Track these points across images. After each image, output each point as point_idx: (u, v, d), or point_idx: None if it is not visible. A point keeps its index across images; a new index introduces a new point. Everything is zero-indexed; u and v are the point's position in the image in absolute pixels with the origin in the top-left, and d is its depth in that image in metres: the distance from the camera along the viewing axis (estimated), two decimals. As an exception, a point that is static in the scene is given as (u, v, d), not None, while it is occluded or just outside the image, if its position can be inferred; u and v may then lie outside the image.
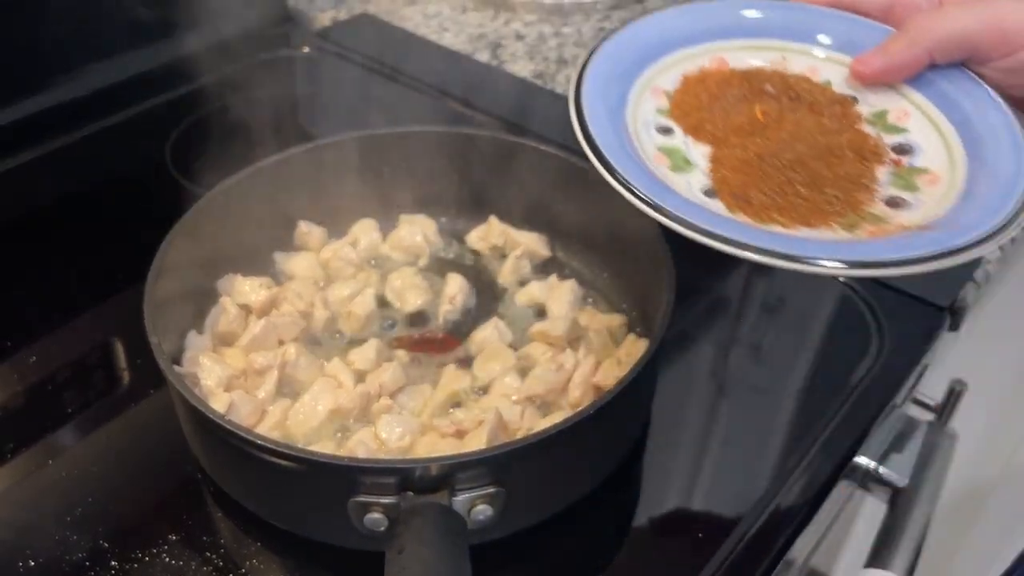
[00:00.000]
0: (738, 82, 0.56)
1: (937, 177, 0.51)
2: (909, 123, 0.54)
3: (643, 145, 0.53)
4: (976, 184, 0.49)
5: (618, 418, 0.60)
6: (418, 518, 0.49)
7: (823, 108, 0.54)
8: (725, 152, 0.53)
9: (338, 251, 0.76)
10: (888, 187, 0.51)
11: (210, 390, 0.63)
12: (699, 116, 0.55)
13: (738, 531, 0.60)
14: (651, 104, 0.56)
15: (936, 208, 0.49)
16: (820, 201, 0.50)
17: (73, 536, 0.60)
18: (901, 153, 0.53)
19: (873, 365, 0.72)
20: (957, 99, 0.53)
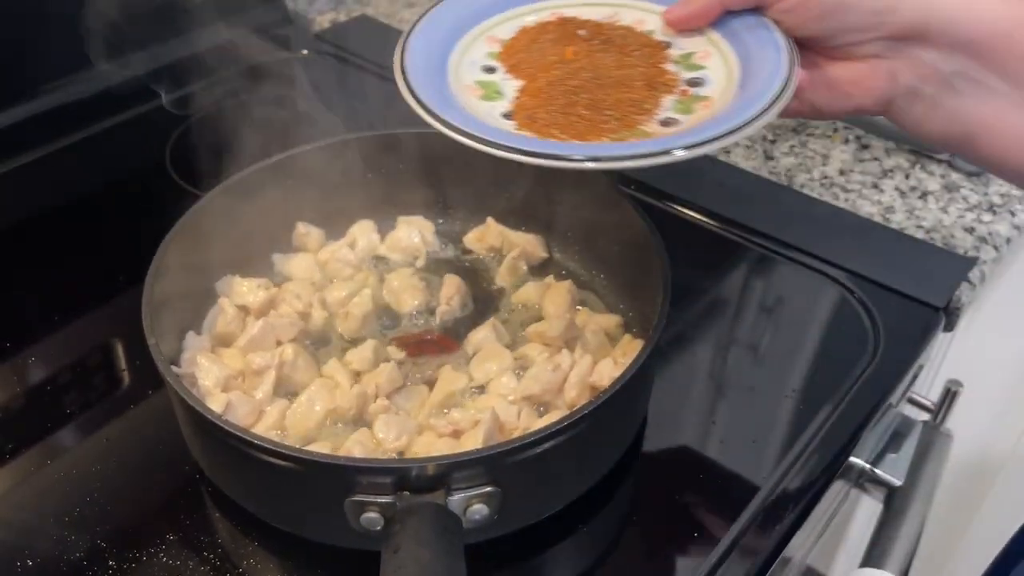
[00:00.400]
0: (554, 28, 0.64)
1: (712, 102, 0.57)
2: (709, 62, 0.60)
3: (461, 79, 0.62)
4: (731, 108, 0.55)
5: (614, 418, 0.60)
6: (414, 517, 0.49)
7: (632, 50, 0.61)
8: (530, 84, 0.61)
9: (336, 252, 0.76)
10: (668, 111, 0.58)
11: (208, 390, 0.63)
12: (519, 57, 0.63)
13: (734, 530, 0.61)
14: (483, 49, 0.64)
15: (694, 125, 0.55)
16: (597, 120, 0.57)
17: (71, 536, 0.60)
18: (693, 85, 0.59)
19: (868, 365, 0.72)
20: (745, 38, 0.58)
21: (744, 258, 0.83)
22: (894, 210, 0.88)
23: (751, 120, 0.52)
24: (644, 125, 0.57)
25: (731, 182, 0.91)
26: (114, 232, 0.86)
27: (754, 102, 0.53)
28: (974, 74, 0.51)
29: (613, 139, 0.55)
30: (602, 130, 0.56)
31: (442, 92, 0.59)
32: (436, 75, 0.60)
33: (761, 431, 0.68)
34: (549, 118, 0.57)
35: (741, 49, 0.58)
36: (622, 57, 0.61)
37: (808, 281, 0.80)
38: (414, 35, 0.62)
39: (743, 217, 0.86)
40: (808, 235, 0.83)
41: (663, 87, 0.59)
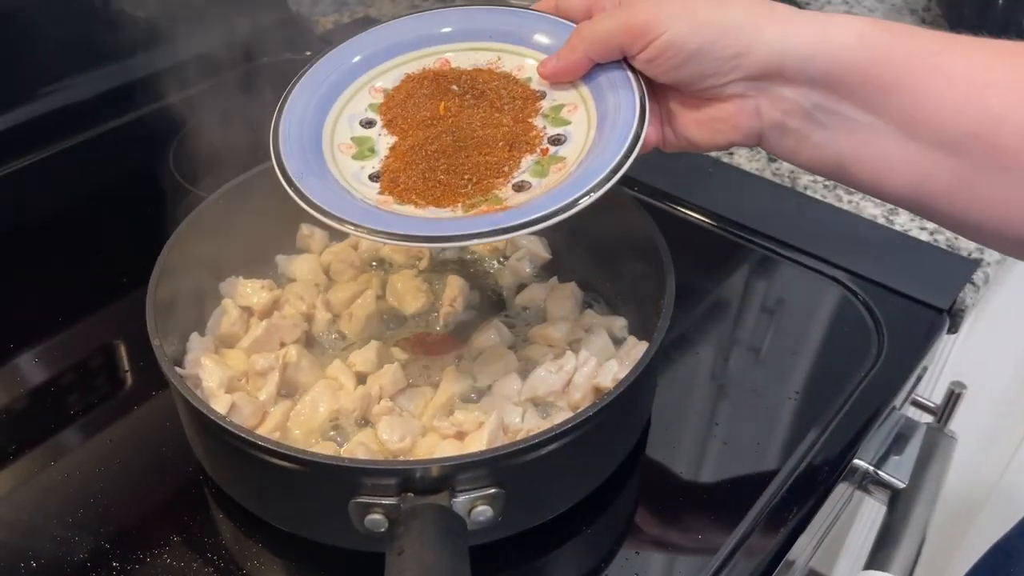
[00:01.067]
0: (429, 81, 0.63)
1: (565, 164, 0.57)
2: (575, 116, 0.60)
3: (337, 136, 0.62)
4: (571, 180, 0.55)
5: (618, 420, 0.60)
6: (418, 519, 0.49)
7: (504, 104, 0.61)
8: (400, 143, 0.61)
9: (339, 253, 0.76)
10: (525, 173, 0.58)
11: (212, 392, 0.63)
12: (395, 112, 0.62)
13: (737, 532, 0.60)
14: (365, 100, 0.64)
15: (541, 192, 0.56)
16: (455, 185, 0.57)
17: (75, 537, 0.60)
18: (555, 144, 0.59)
19: (872, 367, 0.72)
20: (606, 92, 0.58)
21: (747, 259, 0.83)
22: (898, 212, 0.88)
23: (580, 197, 0.53)
24: (498, 189, 0.57)
25: (735, 184, 0.91)
26: (117, 233, 0.86)
27: (591, 175, 0.54)
28: (834, 107, 0.52)
29: (464, 205, 0.56)
30: (458, 195, 0.57)
31: (313, 155, 0.59)
32: (310, 136, 0.60)
33: (764, 433, 0.68)
34: (409, 183, 0.58)
35: (601, 105, 0.58)
36: (491, 114, 0.61)
37: (812, 283, 0.80)
38: (292, 95, 0.62)
39: (746, 219, 0.86)
40: (812, 237, 0.83)
41: (525, 146, 0.59)
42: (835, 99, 0.52)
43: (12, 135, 0.93)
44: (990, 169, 0.49)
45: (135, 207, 0.89)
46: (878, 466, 0.72)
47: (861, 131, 0.52)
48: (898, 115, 0.51)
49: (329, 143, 0.61)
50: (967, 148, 0.49)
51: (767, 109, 0.54)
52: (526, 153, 0.59)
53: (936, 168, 0.51)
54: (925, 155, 0.51)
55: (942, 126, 0.50)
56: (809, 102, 0.53)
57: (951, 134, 0.49)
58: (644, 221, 0.68)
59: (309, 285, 0.74)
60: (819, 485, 0.64)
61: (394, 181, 0.58)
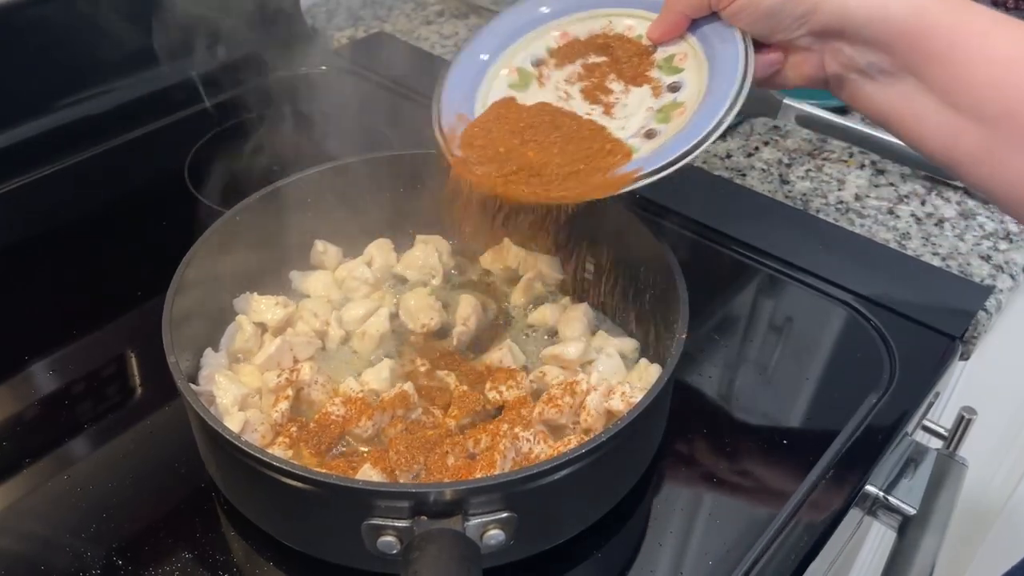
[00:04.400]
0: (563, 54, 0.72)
1: (685, 109, 0.65)
2: (686, 63, 0.67)
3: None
4: (698, 116, 0.63)
5: (631, 444, 0.60)
6: (433, 544, 0.49)
7: (623, 61, 0.69)
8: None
9: (353, 270, 0.76)
10: (652, 122, 0.66)
11: (225, 408, 0.63)
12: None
13: (749, 558, 0.60)
14: (505, 80, 0.71)
15: (671, 136, 0.63)
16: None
17: (88, 552, 0.60)
18: (673, 91, 0.67)
19: (885, 393, 0.72)
20: (711, 39, 0.66)
21: (760, 282, 0.83)
22: (910, 236, 0.88)
23: (715, 127, 0.61)
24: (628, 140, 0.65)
25: (747, 205, 0.92)
26: (131, 246, 0.87)
27: (716, 108, 0.62)
28: (886, 66, 0.60)
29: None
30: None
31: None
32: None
33: (776, 458, 0.68)
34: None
35: (709, 51, 0.66)
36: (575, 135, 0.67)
37: (824, 307, 0.80)
38: (445, 92, 0.70)
39: (759, 241, 0.86)
40: (824, 261, 0.83)
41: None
42: (887, 60, 0.59)
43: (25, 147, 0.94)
44: (1017, 145, 0.55)
45: (149, 220, 0.89)
46: (888, 491, 0.71)
47: (905, 91, 0.59)
48: (939, 83, 0.57)
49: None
50: (997, 122, 0.55)
51: (829, 62, 0.62)
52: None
53: (966, 135, 0.57)
54: (958, 122, 0.57)
55: (977, 99, 0.56)
56: (864, 60, 0.60)
57: (984, 107, 0.55)
58: (656, 243, 0.68)
59: (323, 302, 0.74)
60: (831, 511, 0.64)
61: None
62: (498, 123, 0.67)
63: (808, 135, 1.01)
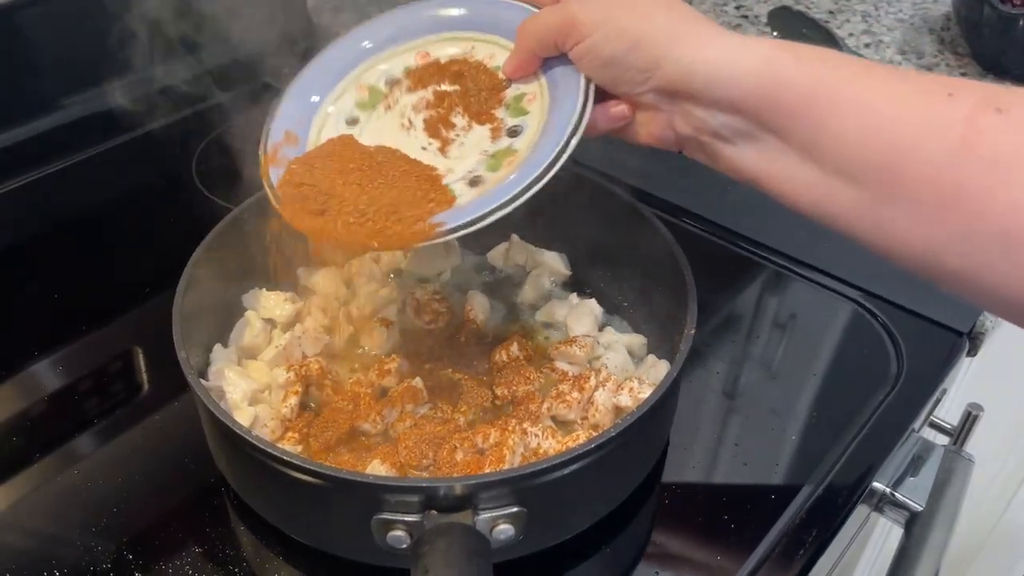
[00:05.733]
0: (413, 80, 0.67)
1: (516, 157, 0.60)
2: (533, 106, 0.62)
3: (323, 136, 0.65)
4: (522, 166, 0.58)
5: (640, 440, 0.60)
6: (444, 538, 0.49)
7: (472, 94, 0.64)
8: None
9: (361, 267, 0.76)
10: (480, 168, 0.61)
11: (235, 404, 0.64)
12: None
13: (757, 553, 0.61)
14: (352, 98, 0.67)
15: (493, 186, 0.59)
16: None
17: (98, 546, 0.60)
18: (512, 135, 0.62)
19: (892, 389, 0.72)
20: (559, 81, 0.60)
21: (764, 278, 0.84)
22: (917, 233, 0.87)
23: (521, 192, 0.56)
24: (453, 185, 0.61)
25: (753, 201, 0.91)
26: (139, 243, 0.87)
27: (534, 167, 0.57)
28: (741, 127, 0.53)
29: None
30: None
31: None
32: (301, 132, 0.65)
33: (784, 453, 0.68)
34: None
35: (553, 95, 0.61)
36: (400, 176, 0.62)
37: (830, 303, 0.81)
38: (279, 112, 0.66)
39: (766, 237, 0.86)
40: (831, 257, 0.84)
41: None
42: (741, 120, 0.53)
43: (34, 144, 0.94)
44: (895, 200, 0.48)
45: (157, 217, 0.90)
46: (895, 488, 0.71)
47: (767, 151, 0.53)
48: (800, 140, 0.51)
49: (315, 141, 0.64)
50: (869, 178, 0.49)
51: (679, 124, 0.56)
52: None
53: (837, 193, 0.51)
54: (825, 180, 0.51)
55: (844, 155, 0.50)
56: (716, 121, 0.54)
57: (853, 163, 0.49)
58: (665, 240, 0.68)
59: (331, 298, 0.74)
60: (839, 507, 0.64)
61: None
62: (327, 160, 0.62)
63: (814, 132, 1.01)
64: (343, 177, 0.60)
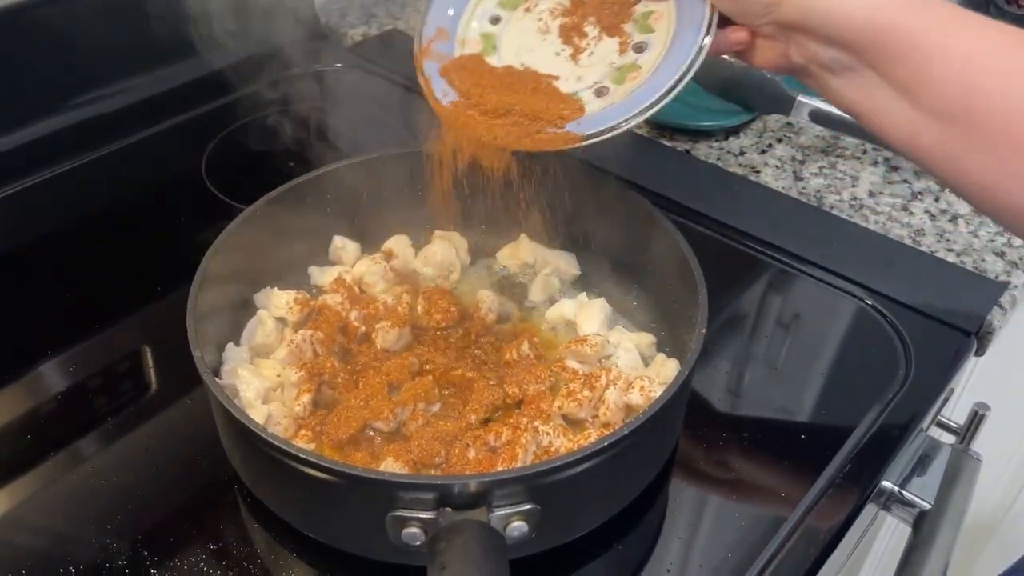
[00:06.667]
0: None
1: (639, 73, 0.65)
2: (659, 24, 0.66)
3: (468, 33, 0.70)
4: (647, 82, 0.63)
5: (652, 438, 0.61)
6: (460, 535, 0.49)
7: (606, 5, 0.68)
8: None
9: (372, 266, 0.77)
10: (606, 79, 0.66)
11: (249, 402, 0.64)
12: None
13: (767, 552, 0.61)
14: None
15: (619, 97, 0.64)
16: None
17: (113, 543, 0.61)
18: (638, 51, 0.66)
19: (900, 389, 0.72)
20: (685, 8, 0.64)
21: (774, 278, 0.84)
22: (924, 233, 0.88)
23: (652, 103, 0.62)
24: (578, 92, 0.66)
25: (761, 202, 0.92)
26: (149, 242, 0.87)
27: (655, 91, 0.62)
28: (848, 62, 0.60)
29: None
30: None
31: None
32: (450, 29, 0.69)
33: (793, 452, 0.68)
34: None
35: (680, 17, 0.65)
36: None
37: (838, 303, 0.81)
38: (432, 6, 0.70)
39: (774, 237, 0.86)
40: (839, 257, 0.84)
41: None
42: (848, 56, 0.59)
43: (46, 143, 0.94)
44: (974, 142, 0.56)
45: (167, 216, 0.90)
46: (903, 486, 0.72)
47: (868, 87, 0.60)
48: (899, 80, 0.58)
49: (462, 37, 0.69)
50: (955, 120, 0.56)
51: (793, 53, 0.62)
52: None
53: (926, 131, 0.58)
54: (918, 117, 0.58)
55: (935, 97, 0.56)
56: (827, 55, 0.60)
57: (942, 105, 0.56)
58: (674, 239, 0.69)
59: (342, 297, 0.74)
60: (847, 506, 0.64)
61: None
62: (461, 73, 0.67)
63: (822, 132, 1.02)
64: (480, 87, 0.66)
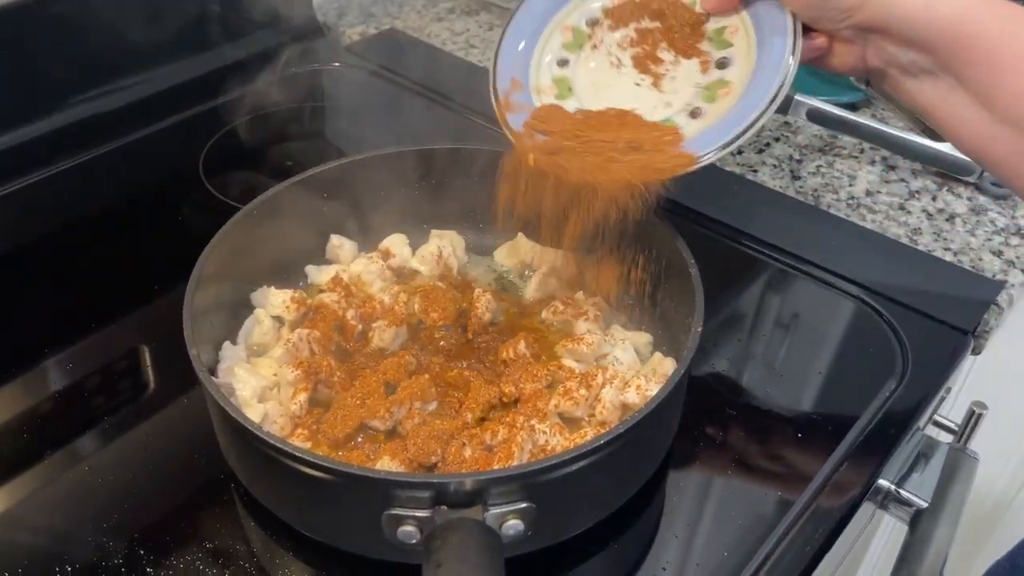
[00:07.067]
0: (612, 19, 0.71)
1: (731, 89, 0.65)
2: (736, 38, 0.67)
3: (540, 79, 0.70)
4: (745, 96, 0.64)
5: (648, 437, 0.61)
6: (456, 534, 0.49)
7: (676, 29, 0.69)
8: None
9: (369, 265, 0.77)
10: (697, 99, 0.66)
11: (245, 401, 0.64)
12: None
13: (762, 552, 0.61)
14: (559, 40, 0.71)
15: (715, 118, 0.64)
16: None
17: (110, 542, 0.61)
18: (721, 67, 0.67)
19: (897, 387, 0.72)
20: (762, 16, 0.66)
21: (772, 277, 0.84)
22: (921, 232, 0.88)
23: (758, 118, 0.62)
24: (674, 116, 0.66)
25: (759, 201, 0.92)
26: (147, 241, 0.87)
27: (762, 94, 0.62)
28: (927, 65, 0.60)
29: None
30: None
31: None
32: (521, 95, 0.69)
33: (789, 451, 0.68)
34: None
35: (759, 28, 0.66)
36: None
37: (835, 302, 0.81)
38: (500, 57, 0.70)
39: (771, 236, 0.86)
40: (836, 256, 0.84)
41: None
42: (928, 60, 0.60)
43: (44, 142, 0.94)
44: None
45: (164, 215, 0.90)
46: (899, 485, 0.72)
47: (945, 90, 0.60)
48: (978, 87, 0.58)
49: (536, 85, 0.70)
50: None
51: (871, 56, 0.63)
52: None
53: (1002, 139, 0.58)
54: (994, 126, 0.58)
55: (1015, 107, 0.57)
56: (906, 58, 0.61)
57: (1021, 116, 0.56)
58: (671, 238, 0.69)
59: (339, 296, 0.74)
60: (844, 504, 0.65)
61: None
62: (544, 123, 0.67)
63: (819, 131, 1.02)
64: (568, 132, 0.65)
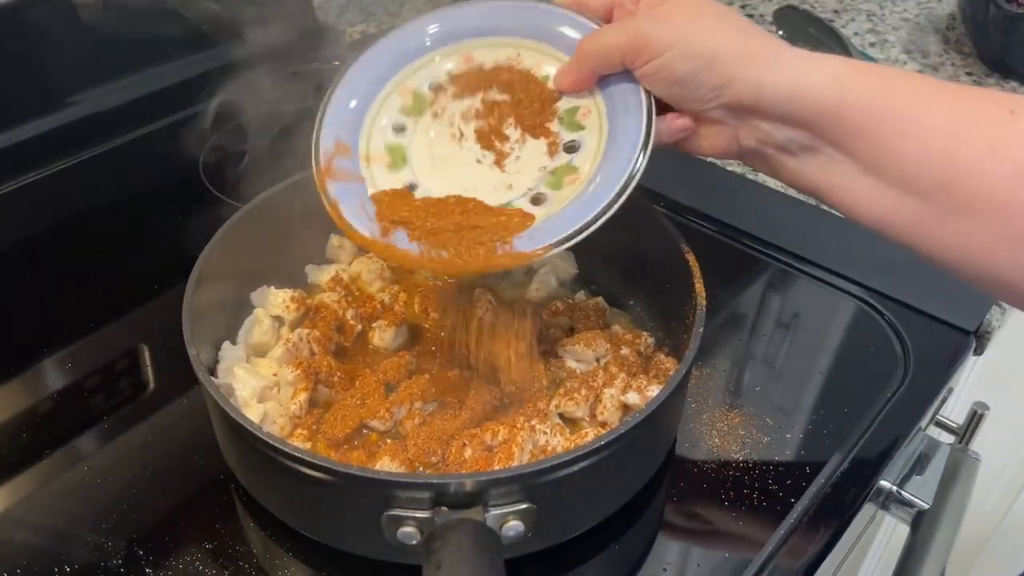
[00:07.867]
0: (458, 86, 0.65)
1: (578, 176, 0.60)
2: (588, 120, 0.62)
3: (372, 145, 0.64)
4: (587, 194, 0.58)
5: (649, 437, 0.61)
6: (456, 534, 0.49)
7: (525, 105, 0.64)
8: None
9: (369, 264, 0.77)
10: (540, 185, 0.61)
11: (245, 401, 0.64)
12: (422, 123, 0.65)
13: (764, 552, 0.61)
14: (397, 103, 0.65)
15: (559, 208, 0.59)
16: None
17: (108, 543, 0.61)
18: (570, 151, 0.62)
19: (899, 388, 0.72)
20: (616, 99, 0.60)
21: (773, 277, 0.84)
22: (923, 232, 0.88)
23: (606, 207, 0.57)
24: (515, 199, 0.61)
25: (760, 200, 0.92)
26: (146, 240, 0.87)
27: (603, 197, 0.57)
28: (805, 142, 0.55)
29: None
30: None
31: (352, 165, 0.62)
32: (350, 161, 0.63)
33: (791, 452, 0.68)
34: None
35: (611, 112, 0.60)
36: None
37: (837, 302, 0.81)
38: (327, 115, 0.64)
39: (772, 236, 0.86)
40: (837, 255, 0.84)
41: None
42: (806, 135, 0.55)
43: (43, 141, 0.94)
44: (956, 215, 0.50)
45: (164, 214, 0.90)
46: (901, 486, 0.72)
47: (830, 165, 0.55)
48: (866, 157, 0.53)
49: (365, 152, 0.63)
50: (932, 195, 0.51)
51: (744, 136, 0.58)
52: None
53: (900, 207, 0.53)
54: (889, 194, 0.53)
55: (909, 172, 0.52)
56: (783, 136, 0.56)
57: (918, 180, 0.51)
58: (672, 238, 0.68)
59: (339, 295, 0.74)
60: (845, 505, 0.64)
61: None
62: (390, 206, 0.61)
63: (820, 130, 1.01)
64: (406, 215, 0.60)
